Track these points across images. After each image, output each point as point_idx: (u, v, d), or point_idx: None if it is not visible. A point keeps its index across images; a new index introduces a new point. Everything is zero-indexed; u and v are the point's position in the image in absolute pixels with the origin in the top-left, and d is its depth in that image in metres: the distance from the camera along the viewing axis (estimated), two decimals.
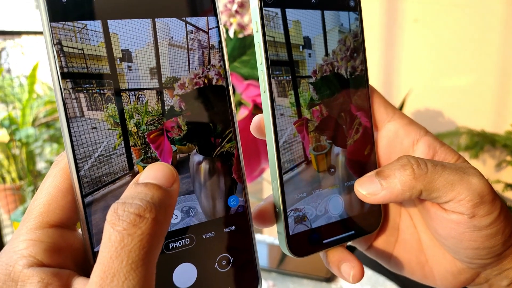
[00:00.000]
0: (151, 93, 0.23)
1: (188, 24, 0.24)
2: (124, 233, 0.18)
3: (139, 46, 0.23)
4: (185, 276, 0.24)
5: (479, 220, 0.26)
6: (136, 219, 0.18)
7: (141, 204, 0.18)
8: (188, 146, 0.24)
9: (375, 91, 0.31)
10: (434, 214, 0.28)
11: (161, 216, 0.19)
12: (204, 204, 0.25)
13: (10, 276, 0.19)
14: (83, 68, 0.21)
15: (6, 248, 0.21)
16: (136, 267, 0.17)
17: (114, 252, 0.17)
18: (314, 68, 0.29)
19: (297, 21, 0.28)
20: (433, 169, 0.26)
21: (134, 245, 0.18)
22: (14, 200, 2.13)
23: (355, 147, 0.30)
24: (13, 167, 2.14)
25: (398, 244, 0.32)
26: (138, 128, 0.23)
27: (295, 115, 0.28)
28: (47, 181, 0.22)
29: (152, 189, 0.19)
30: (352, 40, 0.30)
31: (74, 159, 0.21)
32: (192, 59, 0.24)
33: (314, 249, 0.29)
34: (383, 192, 0.27)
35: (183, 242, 0.24)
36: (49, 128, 2.31)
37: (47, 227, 0.21)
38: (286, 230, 0.28)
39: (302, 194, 0.29)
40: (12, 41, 2.72)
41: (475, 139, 1.14)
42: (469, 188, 0.26)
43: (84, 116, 0.22)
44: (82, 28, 0.21)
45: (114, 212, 0.18)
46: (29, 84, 2.25)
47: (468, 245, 0.27)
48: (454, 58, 1.22)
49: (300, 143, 0.28)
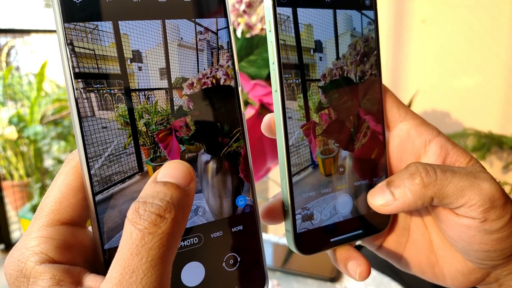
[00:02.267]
0: (161, 93, 0.23)
1: (198, 25, 0.24)
2: (145, 232, 0.18)
3: (149, 47, 0.23)
4: (193, 275, 0.24)
5: (490, 224, 0.26)
6: (157, 219, 0.18)
7: (161, 204, 0.19)
8: (196, 145, 0.25)
9: (388, 91, 0.31)
10: (445, 217, 0.28)
11: (179, 215, 0.19)
12: (212, 203, 0.25)
13: (22, 272, 0.20)
14: (95, 68, 0.22)
15: (18, 245, 0.21)
16: (155, 264, 0.18)
17: (134, 249, 0.18)
18: (323, 72, 0.29)
19: (309, 24, 0.28)
20: (443, 175, 0.26)
21: (154, 244, 0.18)
22: (21, 197, 2.15)
23: (365, 149, 0.30)
24: (21, 164, 2.16)
25: (409, 244, 0.32)
26: (148, 127, 0.23)
27: (303, 118, 0.28)
28: (58, 179, 0.23)
29: (171, 189, 0.20)
30: (366, 41, 0.30)
31: (86, 157, 0.21)
32: (201, 59, 0.25)
33: (321, 247, 0.29)
34: (395, 203, 0.27)
35: (191, 241, 0.24)
36: (56, 125, 2.33)
37: (58, 225, 0.22)
38: (293, 228, 0.28)
39: (310, 193, 0.29)
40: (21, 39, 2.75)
41: (482, 140, 1.14)
42: (480, 193, 0.26)
43: (95, 116, 0.22)
44: (94, 29, 0.21)
45: (136, 211, 0.19)
46: (38, 82, 2.27)
47: (478, 248, 0.27)
48: (462, 59, 1.21)
49: (307, 146, 0.28)
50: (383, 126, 0.31)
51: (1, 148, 2.13)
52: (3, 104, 2.30)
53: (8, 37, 2.71)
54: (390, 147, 0.31)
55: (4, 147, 2.15)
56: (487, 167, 1.24)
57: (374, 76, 0.30)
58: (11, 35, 2.67)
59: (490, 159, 1.24)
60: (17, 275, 0.20)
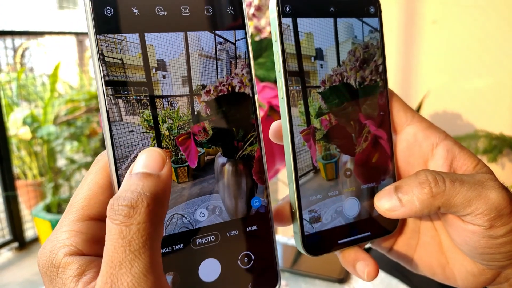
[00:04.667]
0: (183, 100, 0.25)
1: (217, 36, 0.26)
2: (122, 226, 0.19)
3: (173, 56, 0.25)
4: (210, 271, 0.25)
5: (495, 231, 0.27)
6: (129, 211, 0.19)
7: (132, 196, 0.20)
8: (213, 148, 0.26)
9: (394, 94, 0.32)
10: (451, 221, 0.29)
11: (154, 203, 0.20)
12: (228, 203, 0.26)
13: (53, 262, 0.21)
14: (123, 76, 0.23)
15: (50, 238, 0.23)
16: (139, 254, 0.19)
17: (116, 244, 0.19)
18: (322, 78, 0.29)
19: (309, 32, 0.29)
20: (451, 186, 0.27)
21: (132, 235, 0.19)
22: (35, 196, 2.18)
23: (371, 152, 0.31)
24: (34, 163, 2.19)
25: (419, 247, 0.32)
26: (170, 131, 0.25)
27: (304, 124, 0.29)
28: (88, 178, 0.24)
29: (143, 178, 0.20)
30: (367, 48, 0.31)
31: (114, 158, 0.23)
32: (220, 68, 0.26)
33: (329, 249, 0.30)
34: (402, 209, 0.28)
35: (208, 239, 0.26)
36: (69, 126, 2.36)
37: (87, 220, 0.23)
38: (301, 230, 0.29)
39: (317, 196, 0.30)
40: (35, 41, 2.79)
41: (493, 142, 1.13)
42: (486, 203, 0.26)
43: (122, 120, 0.23)
44: (123, 40, 0.23)
45: (111, 207, 0.20)
46: (51, 83, 2.30)
47: (483, 251, 0.28)
48: (473, 60, 1.21)
49: (308, 151, 0.29)
50: (390, 129, 0.31)
51: (15, 148, 2.17)
52: (17, 105, 2.34)
53: (22, 39, 2.75)
54: (397, 150, 0.32)
55: (18, 147, 2.18)
56: (499, 169, 1.24)
57: (379, 81, 0.31)
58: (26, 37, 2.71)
59: (501, 161, 1.23)
60: (48, 265, 0.21)
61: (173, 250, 0.25)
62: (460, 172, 0.30)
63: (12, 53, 2.72)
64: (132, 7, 0.23)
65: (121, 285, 0.19)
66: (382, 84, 0.31)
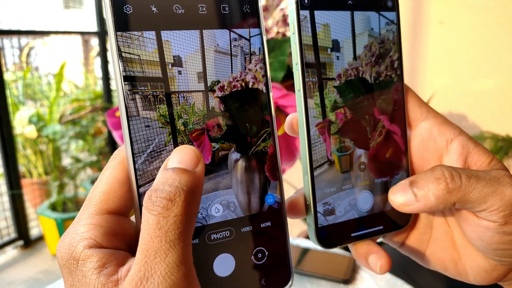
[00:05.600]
0: (198, 95, 0.25)
1: (234, 33, 0.26)
2: (160, 217, 0.20)
3: (189, 52, 0.25)
4: (224, 266, 0.26)
5: (509, 227, 0.27)
6: (168, 203, 0.20)
7: (170, 189, 0.20)
8: (227, 144, 0.26)
9: (409, 89, 0.32)
10: (466, 217, 0.29)
11: (190, 197, 0.21)
12: (241, 199, 0.26)
13: (72, 255, 0.22)
14: (140, 72, 0.24)
15: (69, 230, 0.23)
16: (174, 245, 0.20)
17: (153, 233, 0.20)
18: (338, 72, 0.29)
19: (326, 24, 0.29)
20: (467, 182, 0.27)
21: (169, 226, 0.20)
22: (40, 195, 2.19)
23: (385, 146, 0.31)
24: (40, 162, 2.21)
25: (432, 242, 0.33)
26: (186, 127, 0.25)
27: (319, 116, 0.29)
28: (106, 172, 0.24)
29: (179, 173, 0.21)
30: (383, 42, 0.31)
31: (132, 153, 0.23)
32: (235, 64, 0.26)
33: (342, 242, 0.30)
34: (416, 204, 0.28)
35: (223, 234, 0.26)
36: (75, 125, 2.37)
37: (106, 214, 0.23)
38: (315, 222, 0.29)
39: (332, 188, 0.30)
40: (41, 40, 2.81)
41: (499, 144, 1.13)
42: (502, 199, 0.26)
43: (139, 116, 0.24)
44: (140, 36, 0.23)
45: (149, 198, 0.20)
46: (57, 82, 2.31)
47: (497, 247, 0.28)
48: (480, 60, 1.21)
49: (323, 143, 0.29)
50: (405, 124, 0.32)
51: (21, 146, 2.18)
52: (23, 104, 2.35)
53: (28, 38, 2.77)
54: (411, 145, 0.32)
55: (24, 146, 2.20)
56: None
57: (394, 76, 0.31)
58: (32, 36, 2.73)
59: (508, 163, 1.23)
60: (68, 257, 0.22)
61: None
62: (474, 167, 0.30)
63: (18, 52, 2.74)
64: (151, 5, 0.24)
65: (154, 273, 0.19)
66: (398, 79, 0.31)
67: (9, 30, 2.30)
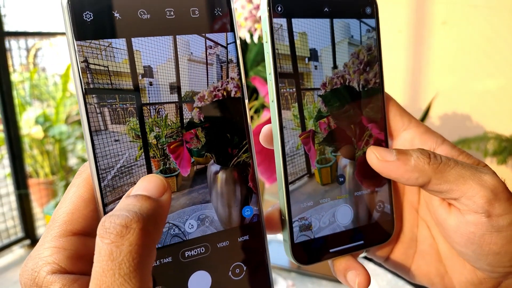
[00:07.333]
0: (171, 107, 0.24)
1: (208, 39, 0.25)
2: (113, 246, 0.18)
3: (159, 61, 0.24)
4: (200, 284, 0.25)
5: (496, 220, 0.26)
6: (122, 230, 0.18)
7: (127, 214, 0.18)
8: (206, 156, 0.25)
9: (391, 99, 0.31)
10: (452, 220, 0.28)
11: (150, 226, 0.19)
12: (221, 213, 0.26)
13: (35, 281, 0.21)
14: (107, 84, 0.22)
15: (32, 254, 0.22)
16: (129, 278, 0.17)
17: (105, 266, 0.17)
18: (323, 81, 0.29)
19: (303, 32, 0.28)
20: (447, 161, 0.27)
21: (123, 257, 0.18)
22: (47, 194, 2.21)
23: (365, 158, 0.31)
24: (46, 162, 2.23)
25: (417, 256, 0.32)
26: (158, 140, 0.24)
27: (298, 127, 0.28)
28: (70, 191, 0.23)
29: (141, 200, 0.19)
30: (369, 50, 0.30)
31: (97, 170, 0.22)
32: (211, 73, 0.25)
33: (319, 258, 0.29)
34: (394, 163, 0.27)
35: (198, 250, 0.25)
36: (81, 125, 2.38)
37: (70, 235, 0.22)
38: (291, 238, 0.28)
39: (308, 203, 0.29)
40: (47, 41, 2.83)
41: (503, 144, 1.11)
42: (481, 184, 0.26)
43: (107, 129, 0.23)
44: (103, 45, 0.22)
45: (102, 225, 0.18)
46: (63, 83, 2.33)
47: (489, 250, 0.27)
48: (483, 60, 1.19)
49: (304, 155, 0.28)
50: (386, 135, 0.31)
51: (27, 146, 2.20)
52: (30, 104, 2.37)
53: (35, 39, 2.79)
54: None
55: (31, 146, 2.22)
56: (508, 171, 1.21)
57: (376, 84, 0.30)
58: (38, 37, 2.75)
59: (511, 164, 1.21)
60: (30, 283, 0.21)
61: (161, 264, 0.24)
62: None
63: (25, 53, 2.77)
64: (113, 11, 0.22)
65: None
66: (379, 88, 0.30)
67: (16, 31, 2.32)
